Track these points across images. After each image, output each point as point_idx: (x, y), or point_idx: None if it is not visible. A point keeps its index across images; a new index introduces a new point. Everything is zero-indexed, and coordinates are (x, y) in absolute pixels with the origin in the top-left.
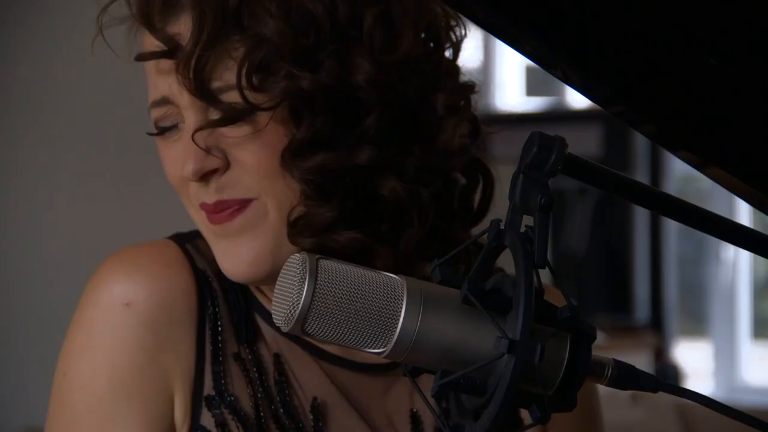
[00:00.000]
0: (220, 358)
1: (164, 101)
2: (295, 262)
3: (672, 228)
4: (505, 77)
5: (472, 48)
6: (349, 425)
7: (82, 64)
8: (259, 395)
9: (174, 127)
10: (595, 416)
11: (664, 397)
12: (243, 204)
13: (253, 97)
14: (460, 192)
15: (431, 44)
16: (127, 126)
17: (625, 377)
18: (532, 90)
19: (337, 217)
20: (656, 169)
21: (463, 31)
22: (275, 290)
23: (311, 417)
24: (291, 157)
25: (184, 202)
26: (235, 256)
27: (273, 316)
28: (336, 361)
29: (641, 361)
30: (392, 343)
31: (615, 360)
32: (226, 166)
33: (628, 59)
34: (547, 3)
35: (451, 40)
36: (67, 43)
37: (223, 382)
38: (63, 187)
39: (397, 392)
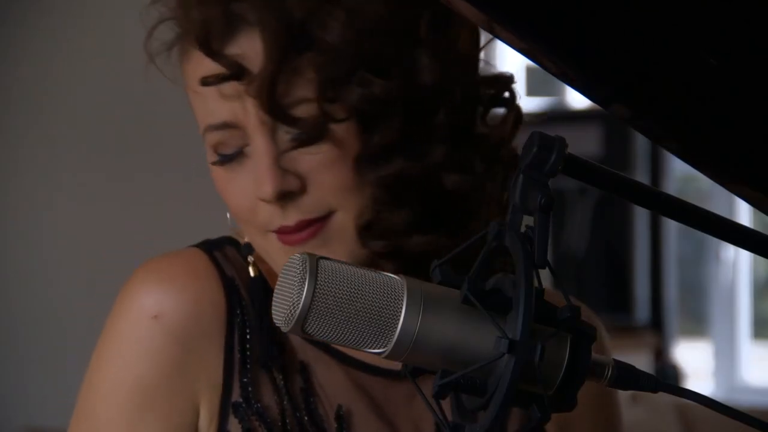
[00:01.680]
0: (248, 366)
1: (226, 126)
2: (295, 262)
3: (672, 228)
4: None
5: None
6: None
7: (82, 64)
8: (285, 403)
9: (239, 154)
10: (618, 422)
11: (664, 397)
12: (323, 220)
13: (329, 110)
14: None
15: (476, 40)
16: (127, 126)
17: (625, 377)
18: (532, 90)
19: (410, 220)
20: (656, 169)
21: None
22: (275, 290)
23: (336, 425)
24: (368, 165)
25: (247, 231)
26: None
27: (273, 316)
28: (363, 367)
29: (641, 361)
30: (392, 344)
31: (615, 360)
32: (303, 188)
33: (627, 58)
34: (545, 2)
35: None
36: (67, 43)
37: (250, 389)
38: (63, 187)
39: (422, 400)
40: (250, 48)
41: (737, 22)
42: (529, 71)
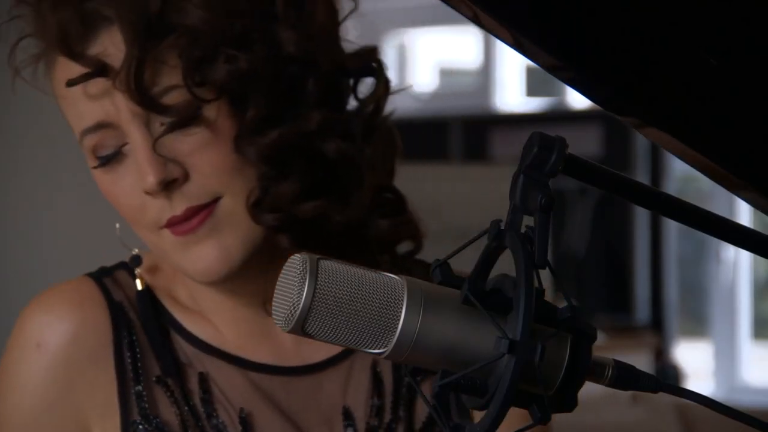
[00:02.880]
0: (142, 384)
1: (99, 126)
2: (296, 262)
3: (672, 228)
4: (505, 77)
5: (473, 49)
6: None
7: None
8: (185, 415)
9: (118, 154)
10: None
11: (664, 398)
12: (210, 206)
13: (197, 92)
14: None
15: (333, 16)
16: None
17: (626, 378)
18: (532, 90)
19: (299, 188)
20: (656, 169)
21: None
22: (275, 290)
23: (240, 429)
24: (246, 140)
25: (141, 233)
26: (206, 257)
27: (273, 316)
28: (262, 369)
29: (641, 361)
30: (393, 344)
31: (615, 360)
32: (185, 176)
33: (627, 58)
34: (546, 2)
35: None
36: None
37: (147, 406)
38: (63, 187)
39: (328, 391)
40: (111, 44)
41: (737, 22)
42: (529, 71)
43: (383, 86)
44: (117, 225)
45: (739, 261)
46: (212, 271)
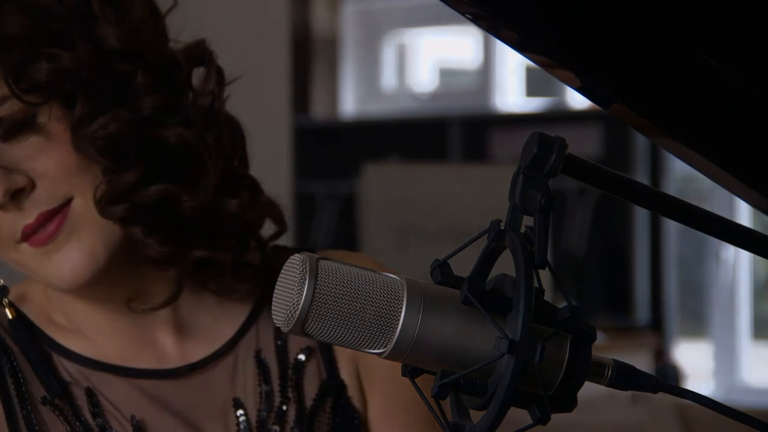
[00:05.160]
0: (29, 408)
1: None
2: (296, 262)
3: (672, 228)
4: (505, 77)
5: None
6: None
7: None
8: (78, 431)
9: None
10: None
11: (664, 398)
12: (64, 209)
13: (26, 98)
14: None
15: (153, 10)
16: None
17: (625, 378)
18: (532, 90)
19: (140, 176)
20: (656, 169)
21: None
22: (275, 291)
23: None
24: (81, 137)
25: (0, 255)
26: (70, 262)
27: (273, 317)
28: (147, 374)
29: (641, 361)
30: (392, 344)
31: (615, 360)
32: (32, 183)
33: (627, 59)
34: (546, 2)
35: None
36: None
37: (37, 428)
38: None
39: (217, 385)
40: None
41: (738, 23)
42: (529, 71)
43: (215, 75)
44: None
45: (739, 261)
46: (78, 275)
